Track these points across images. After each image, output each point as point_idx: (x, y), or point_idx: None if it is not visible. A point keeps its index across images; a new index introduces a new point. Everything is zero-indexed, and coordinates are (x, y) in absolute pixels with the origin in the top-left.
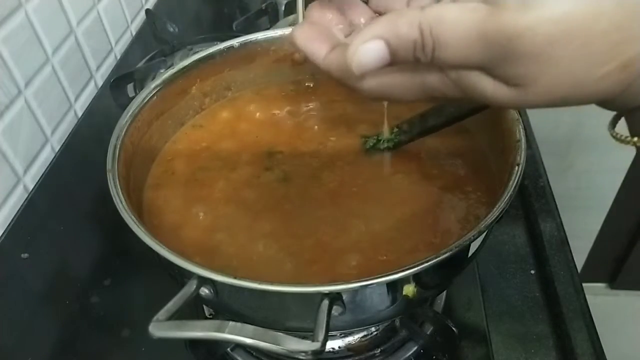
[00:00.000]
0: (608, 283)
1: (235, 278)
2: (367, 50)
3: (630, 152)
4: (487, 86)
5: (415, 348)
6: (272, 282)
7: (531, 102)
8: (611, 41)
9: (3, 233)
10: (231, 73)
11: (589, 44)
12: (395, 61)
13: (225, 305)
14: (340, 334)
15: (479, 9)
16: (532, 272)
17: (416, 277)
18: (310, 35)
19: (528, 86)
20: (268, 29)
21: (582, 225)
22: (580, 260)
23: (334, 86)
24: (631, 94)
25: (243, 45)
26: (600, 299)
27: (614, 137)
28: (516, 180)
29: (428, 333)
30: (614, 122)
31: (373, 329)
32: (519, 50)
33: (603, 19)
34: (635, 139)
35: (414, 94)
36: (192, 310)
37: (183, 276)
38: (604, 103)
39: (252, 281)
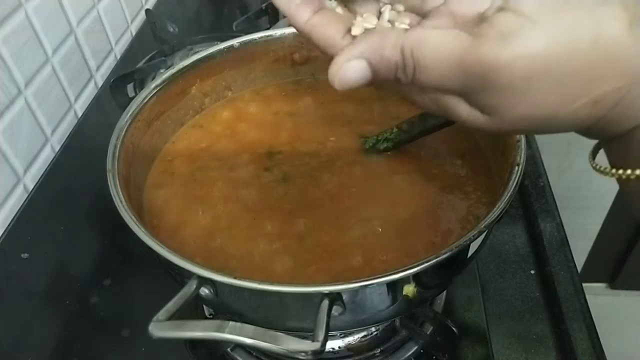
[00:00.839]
0: (608, 283)
1: (235, 278)
2: (350, 68)
3: None
4: (462, 110)
5: (415, 348)
6: (272, 282)
7: (504, 129)
8: (584, 79)
9: (3, 233)
10: (231, 73)
11: (563, 81)
12: (377, 79)
13: (225, 305)
14: (340, 334)
15: (460, 38)
16: (532, 272)
17: (416, 277)
18: None
19: (502, 115)
20: (268, 29)
21: (582, 225)
22: (580, 260)
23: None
24: (605, 125)
25: (243, 45)
26: (600, 299)
27: (594, 168)
28: (516, 180)
29: (428, 333)
30: (594, 153)
31: (373, 329)
32: (496, 83)
33: (578, 59)
34: (614, 170)
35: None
36: (192, 310)
37: (183, 276)
38: (579, 132)
39: (252, 281)
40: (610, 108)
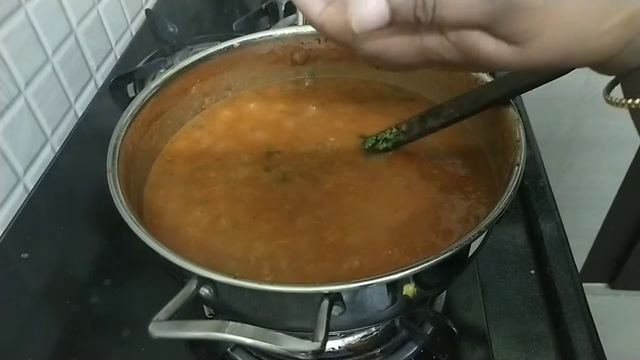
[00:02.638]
0: (608, 283)
1: (235, 278)
2: (368, 6)
3: (630, 152)
4: (488, 46)
5: (415, 348)
6: (272, 282)
7: (533, 60)
8: None
9: (3, 233)
10: (231, 73)
11: None
12: (396, 20)
13: (225, 305)
14: (340, 334)
15: None
16: (532, 272)
17: (416, 277)
18: None
19: (530, 42)
20: (268, 29)
21: (582, 225)
22: (580, 260)
23: (333, 86)
24: (631, 52)
25: (243, 45)
26: (600, 299)
27: (608, 101)
28: (516, 180)
29: (428, 333)
30: (609, 88)
31: (373, 329)
32: (522, 3)
33: None
34: (630, 101)
35: (411, 57)
36: (192, 310)
37: (183, 276)
38: (604, 63)
39: (252, 281)
40: None
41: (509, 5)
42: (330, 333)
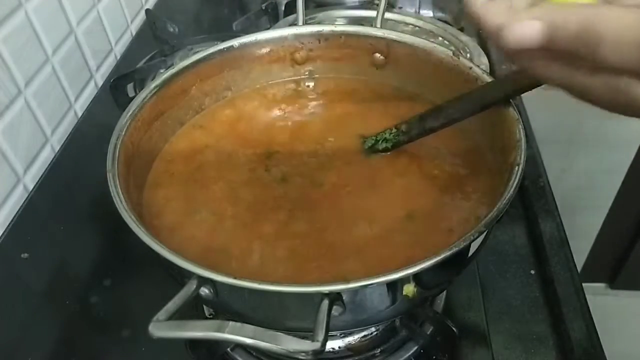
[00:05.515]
0: (608, 283)
1: (235, 278)
2: (525, 25)
3: (630, 152)
4: None
5: (415, 348)
6: (272, 282)
7: None
8: None
9: (3, 233)
10: (231, 73)
11: None
12: (551, 47)
13: (225, 305)
14: (340, 334)
15: None
16: (532, 272)
17: (416, 277)
18: None
19: None
20: (268, 29)
21: (582, 225)
22: (580, 260)
23: (333, 86)
24: None
25: (243, 45)
26: (600, 299)
27: None
28: (516, 181)
29: (428, 333)
30: None
31: (373, 329)
32: None
33: None
34: None
35: (556, 83)
36: (192, 310)
37: (183, 276)
38: None
39: (252, 281)
40: None
41: None
42: (330, 333)
